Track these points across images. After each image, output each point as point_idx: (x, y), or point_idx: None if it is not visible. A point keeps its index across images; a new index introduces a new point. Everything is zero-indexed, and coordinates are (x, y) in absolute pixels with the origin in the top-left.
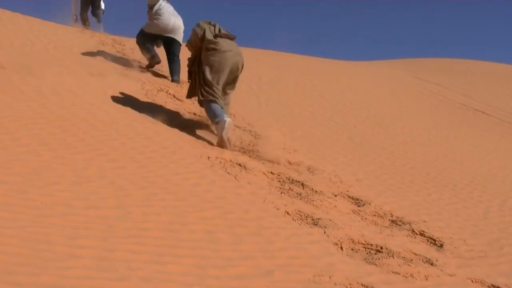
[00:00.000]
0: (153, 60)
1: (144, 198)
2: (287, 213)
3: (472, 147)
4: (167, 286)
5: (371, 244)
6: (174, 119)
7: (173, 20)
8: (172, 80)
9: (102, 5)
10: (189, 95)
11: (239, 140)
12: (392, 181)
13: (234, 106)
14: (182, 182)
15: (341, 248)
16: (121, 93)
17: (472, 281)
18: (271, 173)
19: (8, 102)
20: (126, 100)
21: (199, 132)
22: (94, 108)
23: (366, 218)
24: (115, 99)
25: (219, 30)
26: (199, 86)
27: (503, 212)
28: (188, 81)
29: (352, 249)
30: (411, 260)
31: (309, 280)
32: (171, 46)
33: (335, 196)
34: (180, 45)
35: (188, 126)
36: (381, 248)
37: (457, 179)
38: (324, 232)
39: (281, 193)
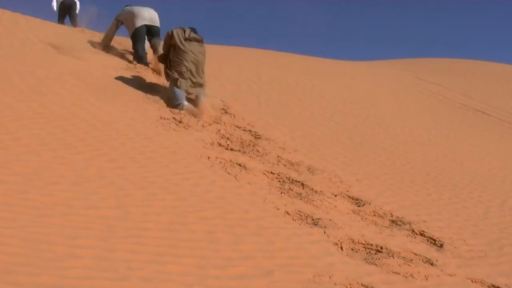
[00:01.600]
0: (139, 61)
1: (144, 198)
2: (287, 213)
3: (472, 147)
4: (167, 286)
5: (371, 244)
6: (173, 119)
7: (146, 11)
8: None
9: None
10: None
11: (239, 140)
12: (392, 181)
13: (234, 106)
14: (182, 182)
15: (341, 248)
16: (121, 93)
17: (472, 281)
18: (271, 173)
19: (8, 102)
20: (126, 100)
21: (199, 132)
22: (94, 108)
23: (366, 218)
24: (115, 99)
25: (189, 34)
26: (166, 72)
27: (503, 212)
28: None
29: (352, 249)
30: (411, 260)
31: (309, 280)
32: (153, 35)
33: (335, 196)
34: (159, 31)
35: (188, 126)
36: (381, 248)
37: (457, 179)
38: (324, 232)
39: (281, 193)
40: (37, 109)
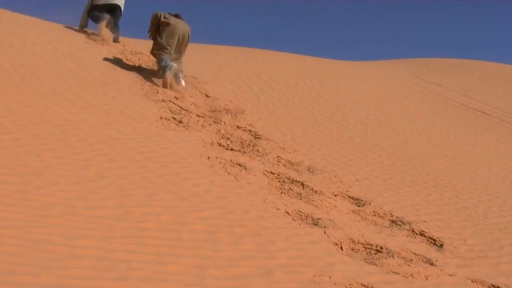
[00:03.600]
0: (81, 26)
1: (144, 198)
2: (287, 213)
3: (472, 147)
4: (167, 286)
5: (371, 244)
6: (173, 119)
7: None
8: (113, 40)
9: None
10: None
11: (239, 140)
12: (392, 181)
13: (236, 106)
14: (182, 182)
15: (341, 248)
16: (121, 93)
17: (472, 281)
18: (271, 173)
19: (8, 102)
20: (126, 100)
21: (199, 132)
22: (94, 108)
23: (366, 218)
24: (115, 99)
25: (169, 14)
26: (154, 48)
27: (503, 212)
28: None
29: (352, 249)
30: (411, 260)
31: (309, 280)
32: (113, 14)
33: (335, 196)
34: (121, 14)
35: (188, 126)
36: (381, 248)
37: (457, 179)
38: (324, 232)
39: (281, 193)
40: (37, 109)
